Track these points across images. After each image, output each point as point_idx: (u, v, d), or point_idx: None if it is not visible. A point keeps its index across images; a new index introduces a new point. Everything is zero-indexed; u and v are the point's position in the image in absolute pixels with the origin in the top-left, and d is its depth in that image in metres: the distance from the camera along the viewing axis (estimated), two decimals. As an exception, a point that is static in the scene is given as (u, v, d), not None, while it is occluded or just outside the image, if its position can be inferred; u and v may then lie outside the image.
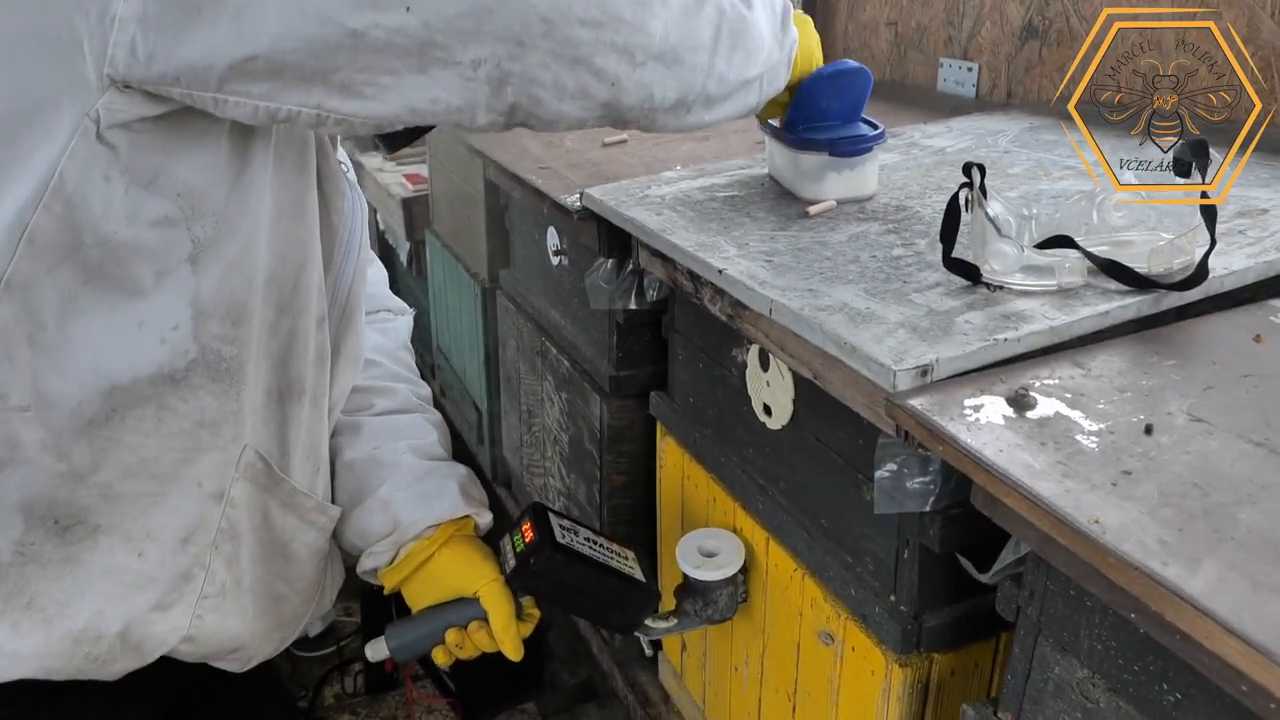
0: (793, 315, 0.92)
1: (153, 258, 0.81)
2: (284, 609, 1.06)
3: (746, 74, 0.96)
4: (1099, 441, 0.71)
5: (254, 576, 1.00)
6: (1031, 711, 0.83)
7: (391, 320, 1.29)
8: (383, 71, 0.73)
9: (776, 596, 1.20)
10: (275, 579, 1.03)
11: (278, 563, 1.03)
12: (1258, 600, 0.55)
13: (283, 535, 1.01)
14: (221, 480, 0.92)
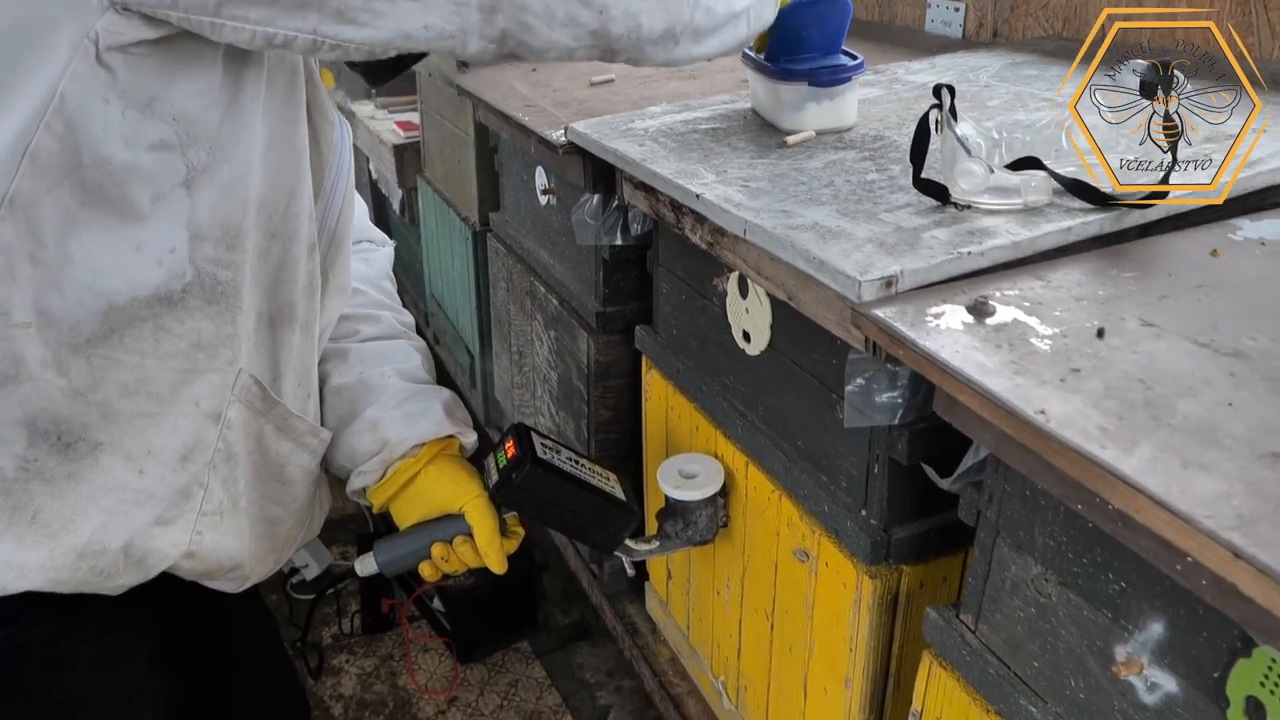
0: (765, 234, 0.94)
1: (149, 181, 0.82)
2: (279, 531, 1.09)
3: (734, 7, 0.98)
4: (1052, 344, 0.73)
5: (250, 499, 1.03)
6: (990, 610, 0.86)
7: (374, 250, 1.31)
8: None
9: (755, 518, 1.23)
10: (270, 502, 1.06)
11: (273, 486, 1.05)
12: (1186, 476, 0.58)
13: (277, 458, 1.04)
14: (218, 401, 0.94)
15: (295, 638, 2.38)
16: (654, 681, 1.61)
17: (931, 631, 0.91)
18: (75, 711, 0.97)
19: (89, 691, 0.98)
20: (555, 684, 2.28)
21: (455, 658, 2.34)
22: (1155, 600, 0.69)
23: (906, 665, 1.05)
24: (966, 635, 0.88)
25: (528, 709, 2.21)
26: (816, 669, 1.15)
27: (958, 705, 0.89)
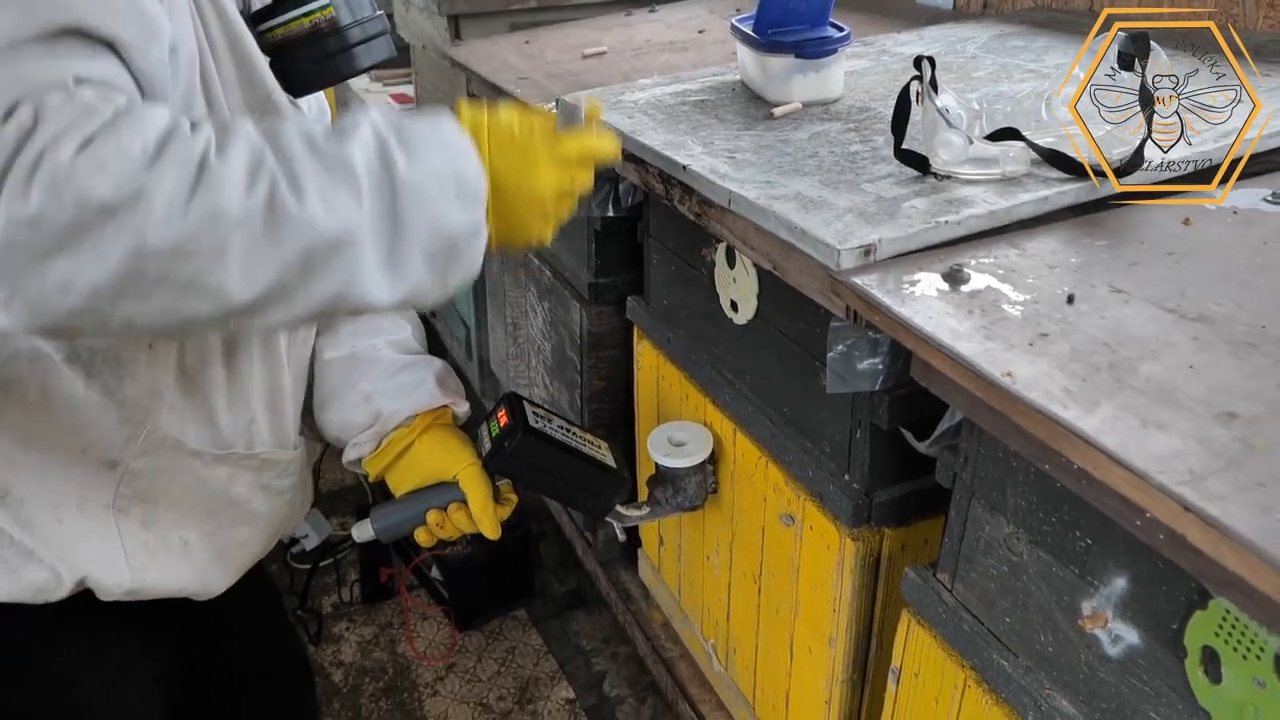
0: (749, 204, 0.96)
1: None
2: (246, 549, 1.08)
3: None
4: (1023, 310, 0.76)
5: (197, 533, 1.01)
6: (965, 569, 0.89)
7: None
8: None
9: (743, 484, 1.26)
10: (227, 527, 1.04)
11: (224, 513, 1.03)
12: (1144, 435, 0.60)
13: (216, 485, 1.01)
14: (110, 450, 0.92)
15: (295, 606, 2.41)
16: (647, 646, 1.64)
17: (910, 590, 0.94)
18: (66, 689, 0.98)
19: (80, 670, 0.99)
20: (552, 651, 2.32)
21: (453, 625, 2.38)
22: (1119, 556, 0.72)
23: (888, 625, 1.08)
24: (943, 594, 0.91)
25: (524, 675, 2.24)
26: (802, 630, 1.18)
27: (934, 661, 0.92)
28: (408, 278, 0.74)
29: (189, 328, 0.70)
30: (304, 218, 0.68)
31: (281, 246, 0.68)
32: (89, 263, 0.63)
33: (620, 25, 1.94)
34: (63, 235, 0.62)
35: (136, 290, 0.65)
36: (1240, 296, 0.76)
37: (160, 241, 0.64)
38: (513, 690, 2.21)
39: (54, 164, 0.62)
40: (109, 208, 0.63)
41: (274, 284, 0.69)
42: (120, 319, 0.66)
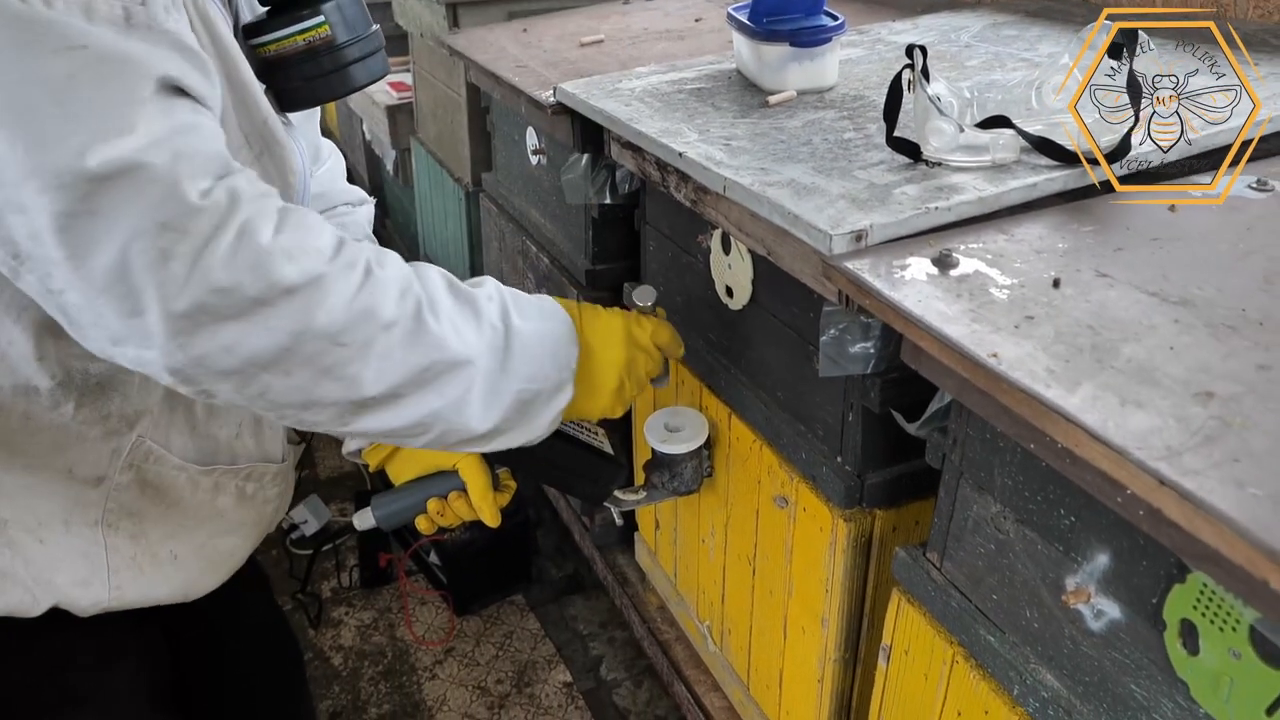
0: (743, 190, 0.98)
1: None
2: (236, 554, 1.09)
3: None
4: (1009, 293, 0.77)
5: (186, 545, 1.02)
6: (954, 548, 0.91)
7: (351, 213, 1.30)
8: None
9: (738, 467, 1.28)
10: (215, 537, 1.05)
11: (211, 523, 1.04)
12: (1123, 413, 0.62)
13: (203, 497, 1.02)
14: (96, 467, 0.93)
15: (295, 590, 2.43)
16: (643, 628, 1.67)
17: (900, 569, 0.96)
18: (56, 673, 0.98)
19: (68, 654, 0.99)
20: (549, 635, 2.34)
21: (451, 610, 2.40)
22: (1101, 533, 0.74)
23: (880, 604, 1.10)
24: (932, 572, 0.93)
25: (522, 659, 2.27)
26: (795, 610, 1.20)
27: (924, 638, 0.94)
28: (499, 412, 0.89)
29: (307, 410, 0.79)
30: (438, 335, 0.82)
31: (413, 354, 0.81)
32: (258, 333, 0.73)
33: (617, 13, 1.96)
34: (246, 306, 0.72)
35: (285, 365, 0.75)
36: (1222, 281, 0.77)
37: (323, 327, 0.75)
38: (510, 674, 2.23)
39: (254, 246, 0.72)
40: (292, 290, 0.73)
41: (397, 385, 0.81)
42: (258, 387, 0.76)
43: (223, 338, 0.73)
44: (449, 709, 2.15)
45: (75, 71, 0.68)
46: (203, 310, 0.71)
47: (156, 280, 0.70)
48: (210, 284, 0.71)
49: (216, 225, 0.71)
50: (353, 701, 2.18)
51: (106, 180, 0.68)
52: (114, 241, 0.69)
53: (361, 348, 0.78)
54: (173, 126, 0.72)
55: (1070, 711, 0.79)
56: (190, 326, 0.71)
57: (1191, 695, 0.68)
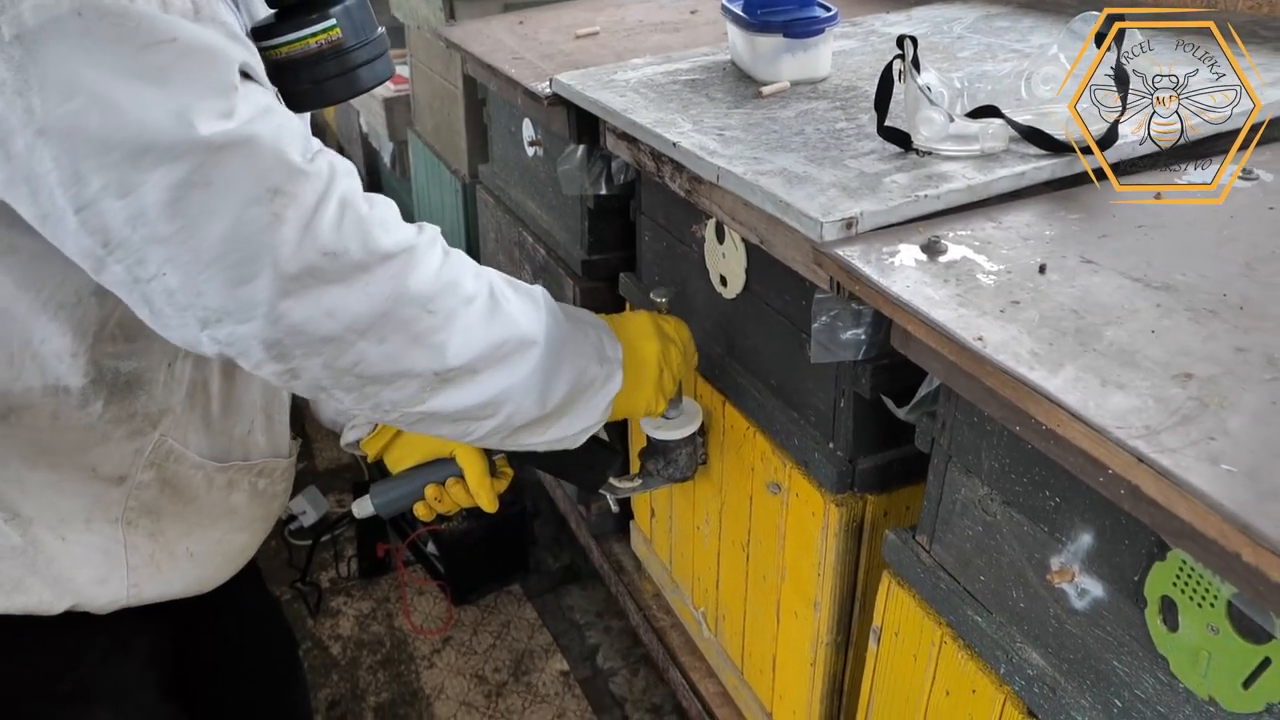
0: (736, 179, 0.99)
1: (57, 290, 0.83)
2: (244, 555, 1.11)
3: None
4: (996, 279, 0.79)
5: (207, 542, 1.03)
6: (943, 531, 0.92)
7: None
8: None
9: (732, 454, 1.29)
10: (229, 534, 1.06)
11: (226, 520, 1.05)
12: (1103, 393, 0.63)
13: (218, 495, 1.04)
14: (119, 466, 0.94)
15: (294, 579, 2.45)
16: (639, 616, 1.68)
17: (890, 552, 0.98)
18: (68, 667, 1.00)
19: (79, 648, 1.00)
20: (546, 624, 2.36)
21: (449, 600, 2.42)
22: (1085, 513, 0.75)
23: (871, 588, 1.11)
24: (921, 554, 0.94)
25: (519, 648, 2.29)
26: (788, 594, 1.22)
27: (913, 620, 0.96)
28: (560, 394, 0.94)
29: (393, 383, 0.82)
30: (510, 314, 0.88)
31: (490, 329, 0.86)
32: (359, 297, 0.76)
33: (613, 6, 1.97)
34: (349, 270, 0.75)
35: (381, 331, 0.79)
36: (1204, 267, 0.79)
37: (416, 293, 0.79)
38: (508, 662, 2.25)
39: (356, 213, 0.76)
40: (389, 256, 0.77)
41: (475, 359, 0.85)
42: (353, 356, 0.79)
43: (326, 302, 0.75)
44: (447, 697, 2.16)
45: (169, 63, 0.70)
46: (311, 273, 0.74)
47: (270, 244, 0.72)
48: (320, 247, 0.74)
49: (322, 192, 0.74)
50: (351, 690, 2.20)
51: (220, 150, 0.70)
52: (229, 209, 0.71)
53: (447, 317, 0.82)
54: (262, 107, 0.74)
55: (1055, 689, 0.81)
56: (298, 289, 0.74)
57: (1171, 670, 0.70)
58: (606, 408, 1.02)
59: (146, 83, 0.69)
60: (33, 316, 0.83)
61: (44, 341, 0.85)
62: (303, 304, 0.75)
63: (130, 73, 0.69)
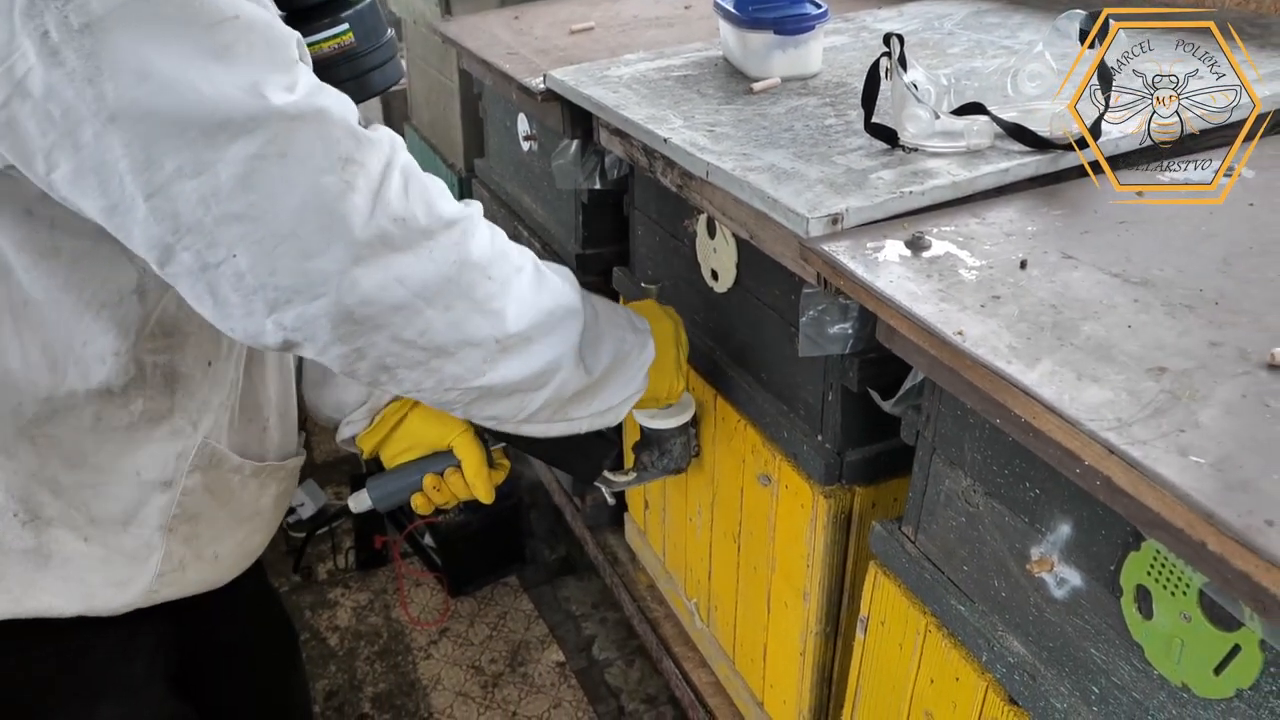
0: (725, 175, 1.00)
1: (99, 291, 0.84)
2: (256, 555, 1.12)
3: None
4: (978, 274, 0.80)
5: (224, 546, 1.04)
6: (927, 522, 0.94)
7: None
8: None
9: (723, 447, 1.31)
10: (248, 535, 1.07)
11: (249, 522, 1.06)
12: (1079, 386, 0.65)
13: (247, 496, 1.05)
14: (165, 470, 0.95)
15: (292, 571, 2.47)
16: (633, 606, 1.70)
17: (876, 543, 0.99)
18: (78, 660, 1.01)
19: (88, 642, 1.01)
20: (542, 615, 2.37)
21: (446, 591, 2.43)
22: (1063, 504, 0.77)
23: (859, 579, 1.13)
24: (906, 545, 0.96)
25: (516, 639, 2.30)
26: (778, 585, 1.24)
27: (898, 609, 0.97)
28: (605, 360, 0.99)
29: (458, 352, 0.85)
30: (555, 284, 0.92)
31: (540, 297, 0.89)
32: (426, 264, 0.79)
33: (607, 1, 1.98)
34: (416, 236, 0.78)
35: (447, 297, 0.81)
36: (1182, 262, 0.80)
37: (476, 259, 0.82)
38: (504, 654, 2.27)
39: (420, 181, 0.79)
40: (451, 223, 0.80)
41: (530, 326, 0.88)
42: (421, 324, 0.81)
43: (396, 268, 0.77)
44: (444, 688, 2.18)
45: (235, 39, 0.71)
46: (382, 239, 0.76)
47: (343, 212, 0.74)
48: (390, 213, 0.76)
49: (387, 161, 0.77)
50: (349, 681, 2.21)
51: (294, 120, 0.72)
52: (304, 179, 0.72)
53: (504, 284, 0.85)
54: (317, 82, 0.76)
55: (1035, 676, 0.82)
56: (370, 255, 0.75)
57: (1146, 658, 0.72)
58: (645, 376, 1.05)
59: (216, 60, 0.70)
60: (75, 318, 0.84)
61: (86, 343, 0.85)
62: (374, 271, 0.76)
63: (200, 52, 0.70)
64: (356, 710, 2.13)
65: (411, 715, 2.11)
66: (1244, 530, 0.52)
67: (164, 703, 1.07)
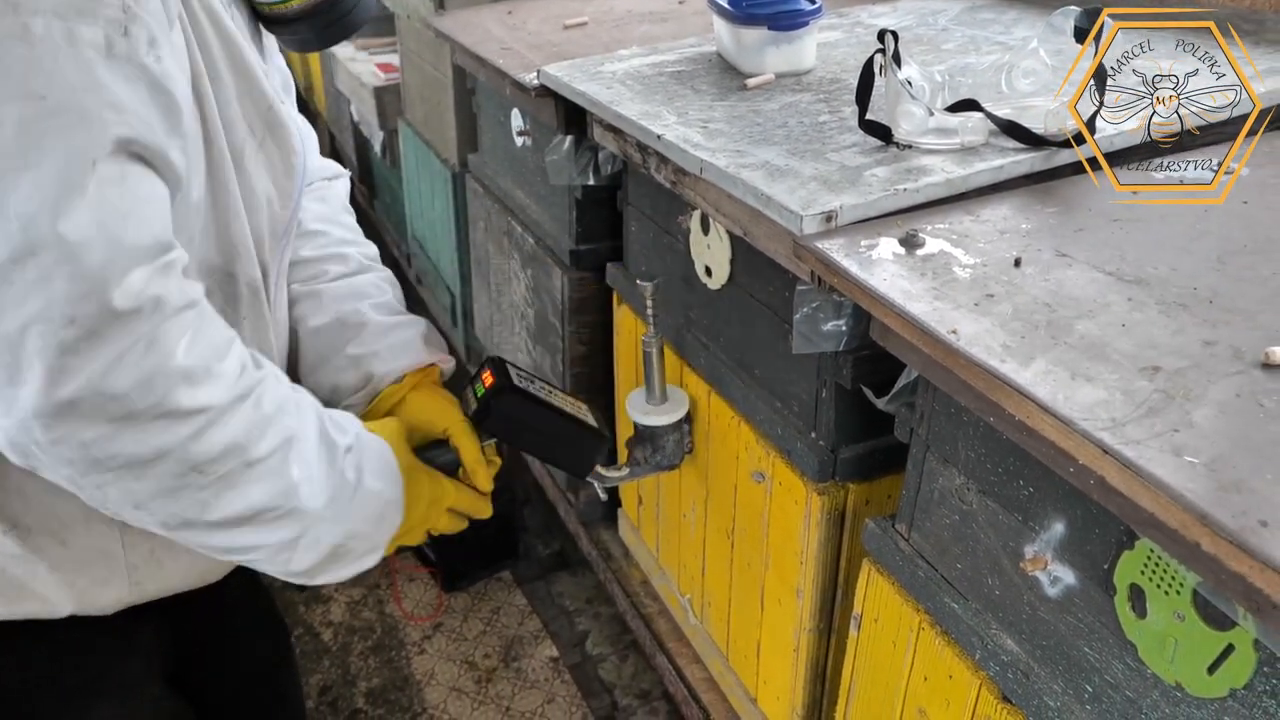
0: (719, 172, 1.00)
1: None
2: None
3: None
4: (972, 272, 0.80)
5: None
6: (921, 519, 0.94)
7: (328, 187, 1.31)
8: None
9: (717, 443, 1.31)
10: None
11: None
12: (1072, 386, 0.65)
13: None
14: None
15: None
16: (626, 602, 1.70)
17: (870, 540, 0.99)
18: (76, 663, 1.01)
19: (89, 644, 1.01)
20: (536, 611, 2.37)
21: (440, 586, 2.43)
22: (1057, 503, 0.77)
23: (853, 576, 1.13)
24: (900, 543, 0.96)
25: (509, 634, 2.30)
26: (772, 582, 1.24)
27: (892, 606, 0.97)
28: (313, 559, 0.89)
29: (137, 510, 0.79)
30: (291, 482, 0.84)
31: (263, 493, 0.82)
32: (125, 441, 0.73)
33: (602, -4, 1.97)
34: (125, 415, 0.72)
35: (138, 473, 0.76)
36: (1176, 261, 0.80)
37: (193, 456, 0.77)
38: (498, 649, 2.27)
39: (159, 363, 0.73)
40: (178, 415, 0.75)
41: (235, 516, 0.81)
42: (97, 481, 0.75)
43: (88, 434, 0.72)
44: (437, 683, 2.18)
45: (31, 121, 0.68)
46: (80, 407, 0.71)
47: (46, 366, 0.69)
48: (101, 388, 0.71)
49: (130, 336, 0.71)
50: (343, 676, 2.21)
51: (25, 258, 0.68)
52: (16, 318, 0.68)
53: (220, 479, 0.79)
54: (117, 203, 0.71)
55: (1028, 674, 0.82)
56: (62, 415, 0.71)
57: (1140, 656, 0.72)
58: (358, 570, 0.96)
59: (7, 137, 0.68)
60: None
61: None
62: (60, 428, 0.71)
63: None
64: (350, 705, 2.12)
65: (405, 710, 2.11)
66: (1238, 531, 0.52)
67: (161, 700, 1.07)
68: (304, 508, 0.85)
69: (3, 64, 0.68)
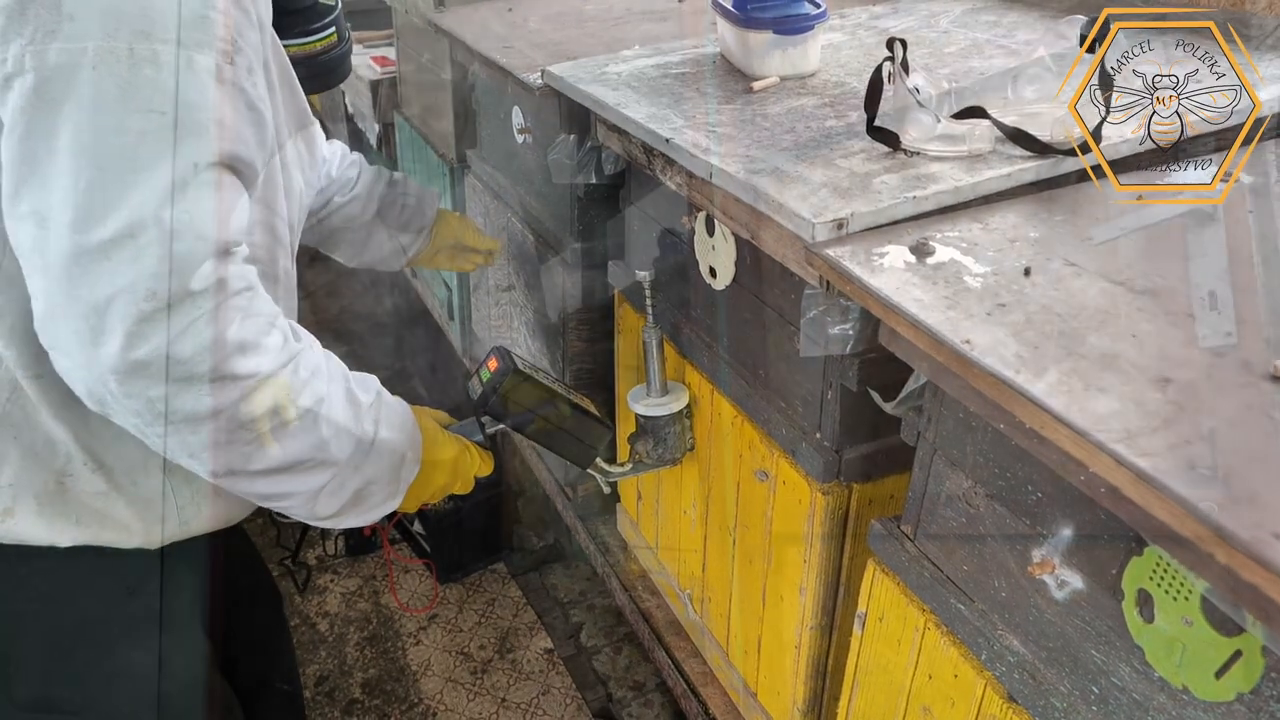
0: (730, 179, 1.01)
1: None
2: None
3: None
4: (983, 281, 0.82)
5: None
6: (927, 521, 0.95)
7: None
8: None
9: (719, 442, 1.32)
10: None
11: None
12: (1086, 397, 0.66)
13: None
14: None
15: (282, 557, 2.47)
16: (624, 596, 1.71)
17: (875, 541, 1.01)
18: (134, 597, 1.10)
19: (143, 580, 1.10)
20: (530, 602, 2.39)
21: (435, 578, 2.45)
22: (1066, 508, 0.78)
23: (855, 574, 1.15)
24: (906, 544, 0.98)
25: (504, 626, 2.32)
26: (774, 579, 1.25)
27: (897, 606, 0.99)
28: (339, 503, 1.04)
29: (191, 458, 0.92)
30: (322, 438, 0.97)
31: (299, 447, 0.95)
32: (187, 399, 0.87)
33: (601, -8, 1.97)
34: (188, 377, 0.85)
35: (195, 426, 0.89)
36: (1184, 271, 0.82)
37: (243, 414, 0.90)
38: (493, 640, 2.28)
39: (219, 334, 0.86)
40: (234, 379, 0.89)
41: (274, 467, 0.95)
42: (161, 430, 0.89)
43: (154, 391, 0.85)
44: (433, 673, 2.19)
45: (153, 132, 0.81)
46: (150, 367, 0.83)
47: (126, 331, 0.82)
48: (169, 353, 0.83)
49: (197, 311, 0.84)
50: (339, 666, 2.22)
51: (126, 239, 0.81)
52: (107, 288, 0.81)
53: (262, 436, 0.92)
54: (208, 204, 0.84)
55: (1034, 675, 0.84)
56: (135, 373, 0.83)
57: (1147, 660, 0.73)
58: (380, 515, 1.11)
59: (121, 146, 0.82)
60: None
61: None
62: (131, 384, 0.84)
63: (116, 130, 0.82)
64: (347, 696, 2.14)
65: (402, 701, 2.12)
66: (1252, 543, 0.54)
67: (199, 639, 1.19)
68: (332, 458, 0.99)
69: (134, 82, 0.81)
